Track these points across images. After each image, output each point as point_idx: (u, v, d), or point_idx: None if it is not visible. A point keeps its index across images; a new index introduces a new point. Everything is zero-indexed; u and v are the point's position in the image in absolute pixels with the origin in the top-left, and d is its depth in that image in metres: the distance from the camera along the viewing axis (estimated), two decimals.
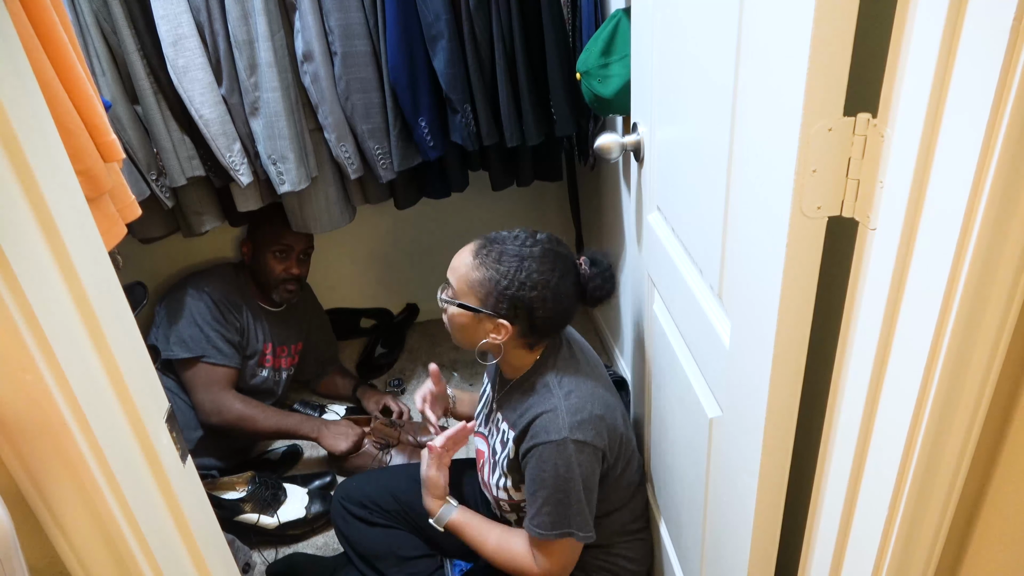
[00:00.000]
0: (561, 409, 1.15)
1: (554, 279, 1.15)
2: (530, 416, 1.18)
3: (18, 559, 0.54)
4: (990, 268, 0.51)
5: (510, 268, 1.14)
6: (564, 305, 1.18)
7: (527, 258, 1.15)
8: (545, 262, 1.15)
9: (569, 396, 1.17)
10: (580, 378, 1.22)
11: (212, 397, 1.75)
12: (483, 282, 1.16)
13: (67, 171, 0.63)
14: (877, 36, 0.58)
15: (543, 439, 1.14)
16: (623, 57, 1.39)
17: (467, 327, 1.21)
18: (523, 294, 1.14)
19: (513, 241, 1.18)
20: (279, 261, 1.90)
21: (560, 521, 1.16)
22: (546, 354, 1.24)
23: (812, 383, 0.77)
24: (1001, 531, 0.63)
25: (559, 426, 1.14)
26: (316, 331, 2.17)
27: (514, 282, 1.14)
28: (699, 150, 0.93)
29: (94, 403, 0.62)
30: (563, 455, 1.13)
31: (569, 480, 1.14)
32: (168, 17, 1.47)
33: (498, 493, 1.30)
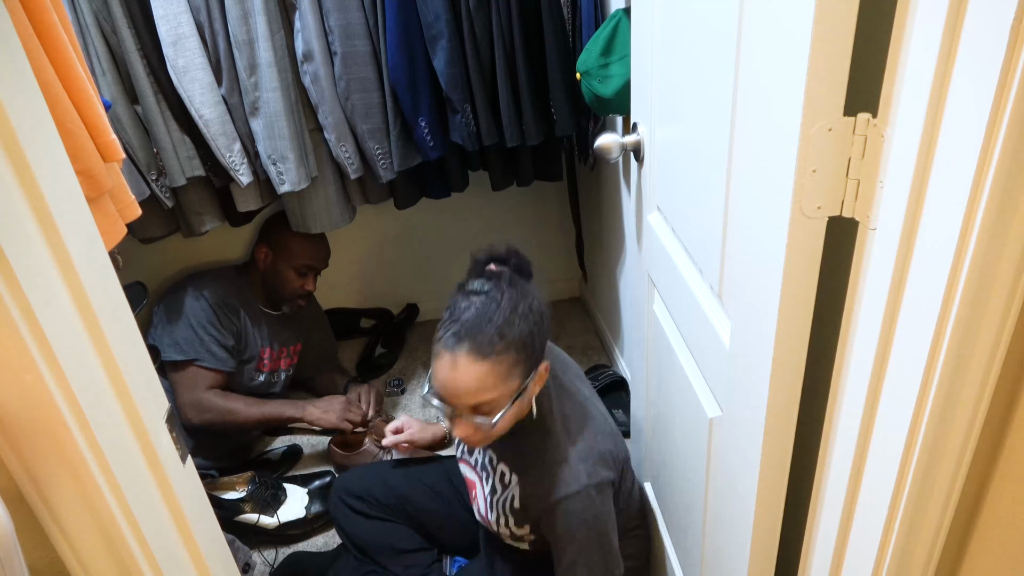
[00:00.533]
0: (572, 458, 1.13)
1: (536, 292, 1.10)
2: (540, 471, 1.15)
3: (18, 559, 0.54)
4: (990, 268, 0.51)
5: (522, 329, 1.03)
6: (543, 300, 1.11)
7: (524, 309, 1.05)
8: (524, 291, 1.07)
9: (576, 441, 1.15)
10: (578, 411, 1.19)
11: (193, 397, 1.75)
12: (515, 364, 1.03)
13: (67, 171, 0.63)
14: (877, 36, 0.58)
15: (563, 493, 1.11)
16: (623, 57, 1.39)
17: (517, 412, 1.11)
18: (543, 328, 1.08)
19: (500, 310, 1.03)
20: (298, 277, 1.92)
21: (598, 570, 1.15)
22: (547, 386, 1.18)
23: (812, 383, 0.77)
24: (1001, 531, 0.63)
25: (575, 475, 1.11)
26: (315, 331, 2.17)
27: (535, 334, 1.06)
28: (699, 150, 0.93)
29: (94, 403, 0.62)
30: (588, 504, 1.12)
31: (596, 527, 1.13)
32: (168, 17, 1.47)
33: (499, 530, 1.27)
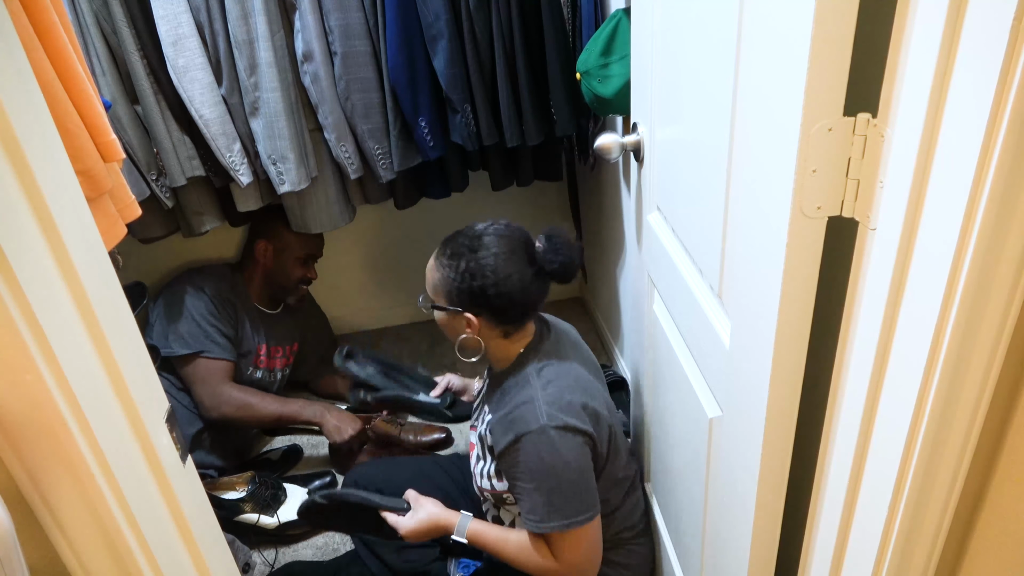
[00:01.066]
0: (538, 400, 1.16)
1: (502, 262, 1.16)
2: (508, 407, 1.19)
3: (18, 559, 0.54)
4: (990, 268, 0.51)
5: (459, 263, 1.17)
6: (520, 286, 1.17)
7: (477, 248, 1.17)
8: (488, 248, 1.17)
9: (547, 386, 1.18)
10: (562, 369, 1.22)
11: (211, 390, 1.75)
12: (442, 281, 1.20)
13: (67, 171, 0.63)
14: (877, 36, 0.58)
15: (522, 430, 1.14)
16: (623, 57, 1.39)
17: (446, 326, 1.25)
18: (475, 283, 1.16)
19: (464, 235, 1.21)
20: (301, 266, 1.94)
21: (555, 512, 1.15)
22: (530, 346, 1.25)
23: (812, 383, 0.77)
24: (1001, 531, 0.63)
25: (536, 415, 1.14)
26: (314, 331, 2.17)
27: (465, 275, 1.17)
28: (699, 150, 0.93)
29: (94, 403, 0.62)
30: (545, 442, 1.13)
31: (557, 467, 1.13)
32: (168, 17, 1.47)
33: (482, 482, 1.31)
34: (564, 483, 1.15)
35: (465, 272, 1.17)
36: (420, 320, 2.56)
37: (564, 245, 1.21)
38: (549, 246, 1.20)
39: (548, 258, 1.19)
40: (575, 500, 1.16)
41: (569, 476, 1.15)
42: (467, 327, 1.21)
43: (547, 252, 1.20)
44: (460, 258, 1.18)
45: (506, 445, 1.17)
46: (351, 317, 2.51)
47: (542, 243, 1.22)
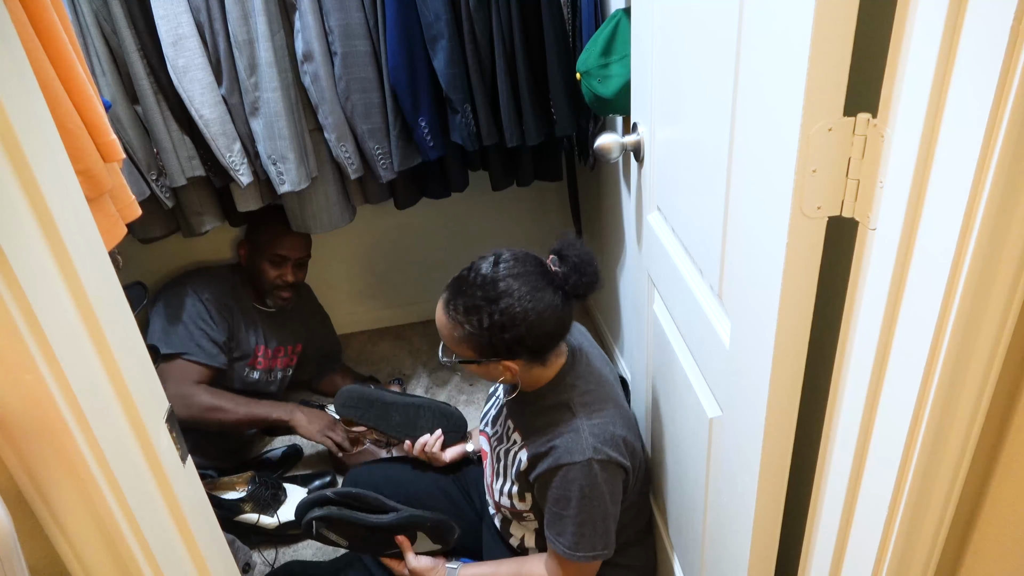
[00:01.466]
0: (584, 430, 1.13)
1: (528, 304, 1.09)
2: (550, 435, 1.16)
3: (18, 559, 0.54)
4: (990, 268, 0.51)
5: (481, 318, 1.09)
6: (551, 316, 1.11)
7: (496, 299, 1.09)
8: (509, 294, 1.09)
9: (592, 417, 1.16)
10: (602, 398, 1.20)
11: (180, 391, 1.71)
12: (466, 338, 1.12)
13: (67, 171, 0.63)
14: (877, 36, 0.58)
15: (566, 460, 1.12)
16: (623, 57, 1.39)
17: (481, 373, 1.20)
18: (506, 336, 1.09)
19: (472, 285, 1.11)
20: (273, 267, 1.89)
21: (584, 542, 1.15)
22: (564, 371, 1.21)
23: (812, 383, 0.77)
24: (1001, 531, 0.63)
25: (583, 447, 1.12)
26: (317, 331, 2.16)
27: (493, 329, 1.09)
28: (699, 150, 0.93)
29: (94, 403, 0.62)
30: (588, 475, 1.11)
31: (594, 500, 1.13)
32: (168, 17, 1.47)
33: (501, 499, 1.29)
34: (597, 517, 1.14)
35: (492, 327, 1.09)
36: (420, 320, 2.56)
37: (580, 258, 1.13)
38: (568, 266, 1.13)
39: (573, 280, 1.12)
40: (603, 535, 1.16)
41: (603, 511, 1.15)
42: (505, 371, 1.16)
43: (569, 274, 1.12)
44: (479, 312, 1.09)
45: (546, 470, 1.15)
46: (351, 317, 2.51)
47: (558, 264, 1.14)
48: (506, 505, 1.28)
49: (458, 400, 2.18)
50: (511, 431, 1.27)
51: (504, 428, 1.31)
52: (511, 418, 1.29)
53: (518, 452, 1.23)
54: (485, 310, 1.09)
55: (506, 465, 1.26)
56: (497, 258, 1.14)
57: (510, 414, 1.29)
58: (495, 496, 1.31)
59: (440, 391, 2.22)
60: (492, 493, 1.32)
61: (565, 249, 1.15)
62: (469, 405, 2.15)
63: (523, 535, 1.34)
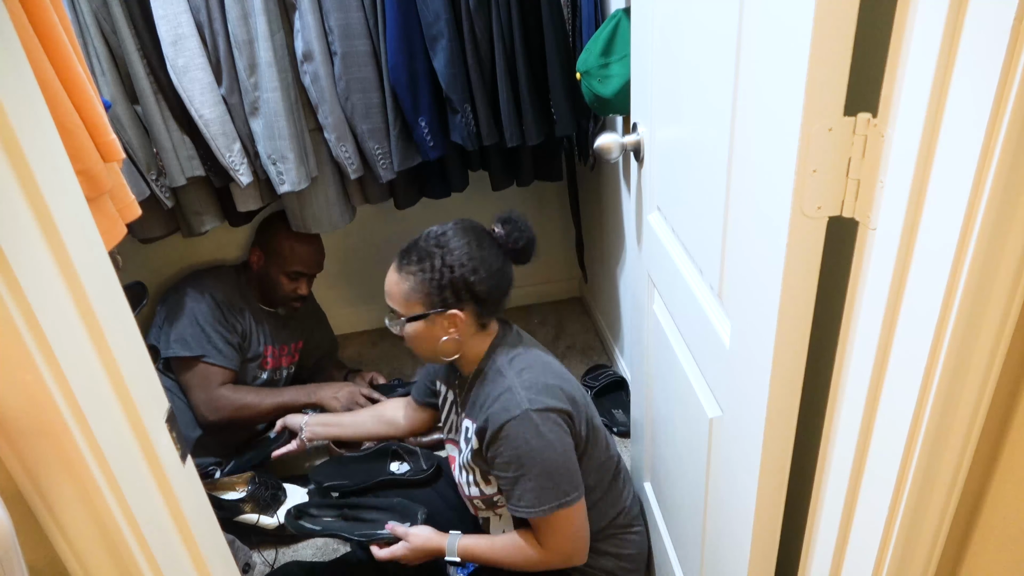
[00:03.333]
0: (516, 386, 1.17)
1: (474, 248, 1.19)
2: (487, 402, 1.19)
3: (18, 559, 0.54)
4: (990, 268, 0.51)
5: (432, 262, 1.18)
6: (496, 269, 1.20)
7: (441, 246, 1.19)
8: (457, 239, 1.19)
9: (521, 373, 1.20)
10: (531, 356, 1.24)
11: (208, 395, 1.75)
12: (416, 288, 1.19)
13: (67, 171, 0.63)
14: (877, 36, 0.58)
15: (504, 418, 1.15)
16: (623, 57, 1.39)
17: (425, 337, 1.23)
18: (456, 275, 1.17)
19: (424, 240, 1.22)
20: (289, 281, 1.92)
21: (546, 495, 1.16)
22: (495, 343, 1.26)
23: (812, 383, 0.77)
24: (1001, 531, 0.63)
25: (517, 401, 1.15)
26: (315, 329, 2.17)
27: (442, 271, 1.17)
28: (699, 150, 0.93)
29: (94, 403, 0.62)
30: (528, 426, 1.14)
31: (542, 449, 1.14)
32: (168, 17, 1.47)
33: (470, 491, 1.31)
34: (551, 464, 1.16)
35: (442, 267, 1.17)
36: None
37: (521, 224, 1.25)
38: (511, 228, 1.24)
39: (514, 237, 1.23)
40: (564, 481, 1.17)
41: (555, 457, 1.16)
42: (450, 327, 1.21)
43: (510, 234, 1.23)
44: (431, 258, 1.18)
45: (491, 436, 1.17)
46: (351, 317, 2.51)
47: (501, 228, 1.25)
48: (476, 495, 1.30)
49: None
50: (463, 420, 1.30)
51: (458, 420, 1.34)
52: (462, 410, 1.32)
53: (470, 437, 1.26)
54: (437, 254, 1.18)
55: (464, 455, 1.29)
56: (444, 223, 1.26)
57: (460, 407, 1.33)
58: (465, 491, 1.32)
59: None
60: (462, 489, 1.34)
61: (510, 216, 1.27)
62: None
63: (503, 528, 1.34)
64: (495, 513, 1.34)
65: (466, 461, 1.28)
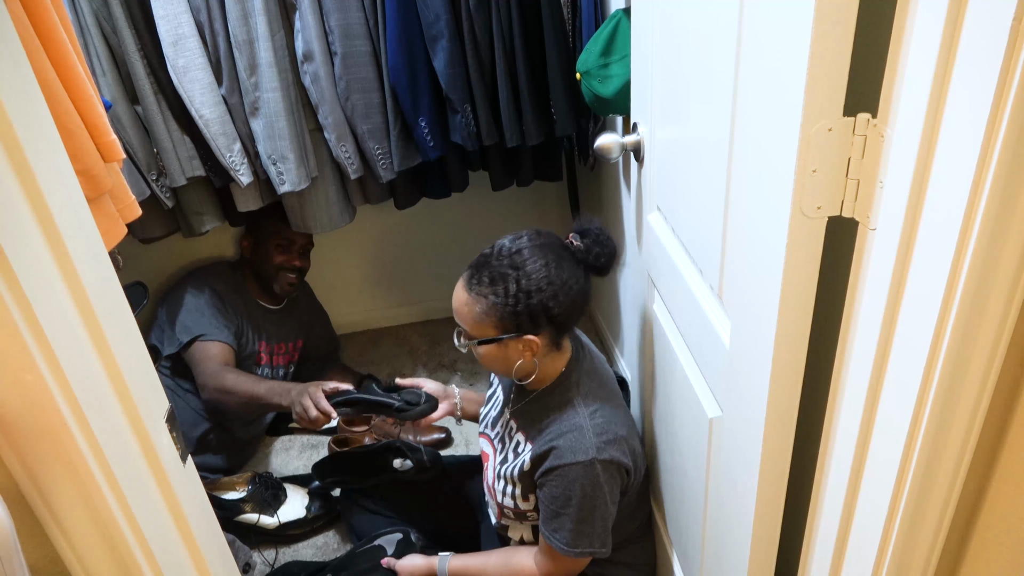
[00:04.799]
0: (587, 428, 1.13)
1: (553, 271, 1.10)
2: (554, 433, 1.16)
3: (18, 559, 0.54)
4: (990, 268, 0.51)
5: (507, 285, 1.09)
6: (575, 289, 1.12)
7: (516, 267, 1.10)
8: (534, 260, 1.10)
9: (594, 415, 1.15)
10: (604, 397, 1.20)
11: (208, 369, 1.69)
12: (489, 312, 1.11)
13: (67, 171, 0.63)
14: (877, 36, 0.58)
15: (569, 460, 1.12)
16: (623, 57, 1.39)
17: (497, 358, 1.17)
18: (532, 302, 1.09)
19: (496, 258, 1.12)
20: (281, 252, 1.91)
21: (582, 540, 1.15)
22: (569, 367, 1.21)
23: (812, 383, 0.77)
24: (1001, 531, 0.63)
25: (586, 447, 1.12)
26: (316, 329, 2.17)
27: (518, 296, 1.09)
28: (699, 150, 0.93)
29: (94, 403, 0.62)
30: (590, 475, 1.11)
31: (595, 499, 1.13)
32: (168, 17, 1.47)
33: (503, 500, 1.28)
34: (596, 517, 1.14)
35: (518, 292, 1.09)
36: (420, 320, 2.56)
37: (601, 234, 1.15)
38: (591, 242, 1.15)
39: (596, 251, 1.14)
40: (601, 534, 1.16)
41: (603, 509, 1.15)
42: (525, 351, 1.14)
43: (590, 248, 1.14)
44: (506, 280, 1.09)
45: (548, 468, 1.14)
46: (351, 317, 2.51)
47: (579, 240, 1.16)
48: (509, 506, 1.28)
49: None
50: (514, 431, 1.27)
51: (506, 429, 1.30)
52: (514, 418, 1.28)
53: (520, 456, 1.23)
54: (512, 276, 1.09)
55: (509, 466, 1.26)
56: (518, 235, 1.15)
57: (513, 415, 1.29)
58: (497, 498, 1.30)
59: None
60: (495, 495, 1.31)
61: (584, 224, 1.17)
62: None
63: (521, 534, 1.34)
64: (520, 523, 1.33)
65: (509, 473, 1.25)
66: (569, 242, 1.17)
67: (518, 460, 1.23)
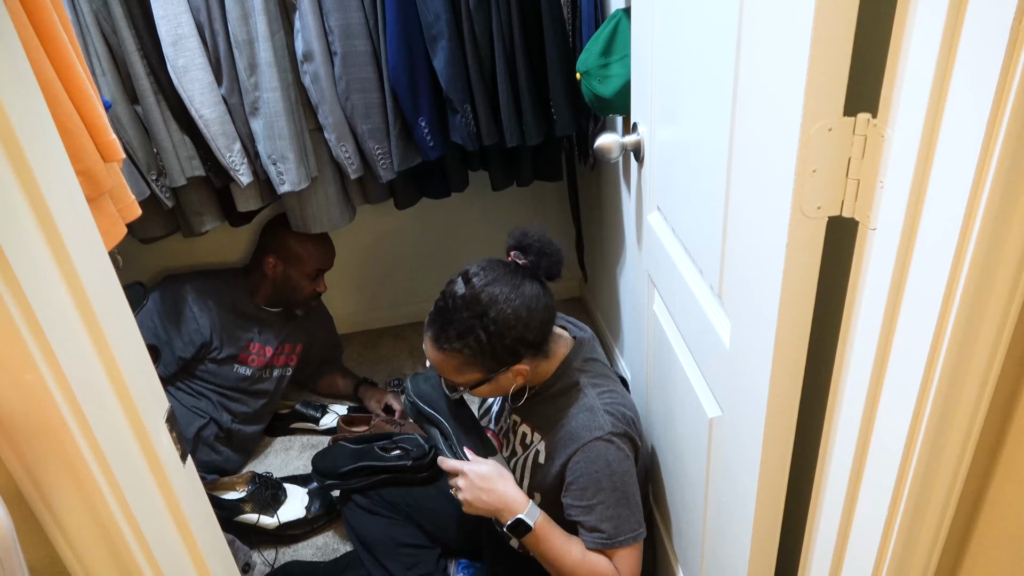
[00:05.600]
0: (598, 408, 1.14)
1: (515, 303, 1.09)
2: (565, 420, 1.15)
3: (18, 559, 0.54)
4: (990, 268, 0.51)
5: (477, 335, 1.09)
6: (539, 306, 1.12)
7: (479, 316, 1.09)
8: (493, 301, 1.09)
9: (603, 395, 1.16)
10: (611, 378, 1.21)
11: None
12: (469, 362, 1.12)
13: (67, 171, 0.63)
14: (877, 36, 0.58)
15: (587, 438, 1.11)
16: (623, 57, 1.39)
17: (493, 390, 1.19)
18: (506, 342, 1.10)
19: (455, 310, 1.10)
20: (311, 283, 1.95)
21: (624, 524, 1.13)
22: (571, 356, 1.21)
23: (812, 383, 0.77)
24: (1001, 531, 0.63)
25: (600, 423, 1.12)
26: (320, 333, 2.17)
27: (491, 342, 1.09)
28: (699, 150, 0.93)
29: (94, 403, 0.62)
30: (611, 450, 1.11)
31: (625, 474, 1.12)
32: (168, 17, 1.47)
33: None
34: (629, 492, 1.13)
35: (490, 339, 1.09)
36: (420, 320, 2.55)
37: (538, 243, 1.15)
38: (535, 253, 1.14)
39: (544, 263, 1.14)
40: (637, 512, 1.15)
41: (632, 486, 1.13)
42: (516, 377, 1.16)
43: (535, 259, 1.14)
44: (473, 331, 1.09)
45: (570, 454, 1.13)
46: (351, 317, 2.51)
47: (521, 256, 1.15)
48: None
49: None
50: (517, 425, 1.27)
51: (508, 423, 1.30)
52: (516, 413, 1.28)
53: (531, 447, 1.22)
54: (478, 326, 1.09)
55: (519, 459, 1.26)
56: (465, 275, 1.13)
57: (515, 410, 1.29)
58: None
59: None
60: None
61: (523, 239, 1.16)
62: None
63: None
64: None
65: (519, 466, 1.25)
66: (513, 261, 1.15)
67: (528, 452, 1.23)
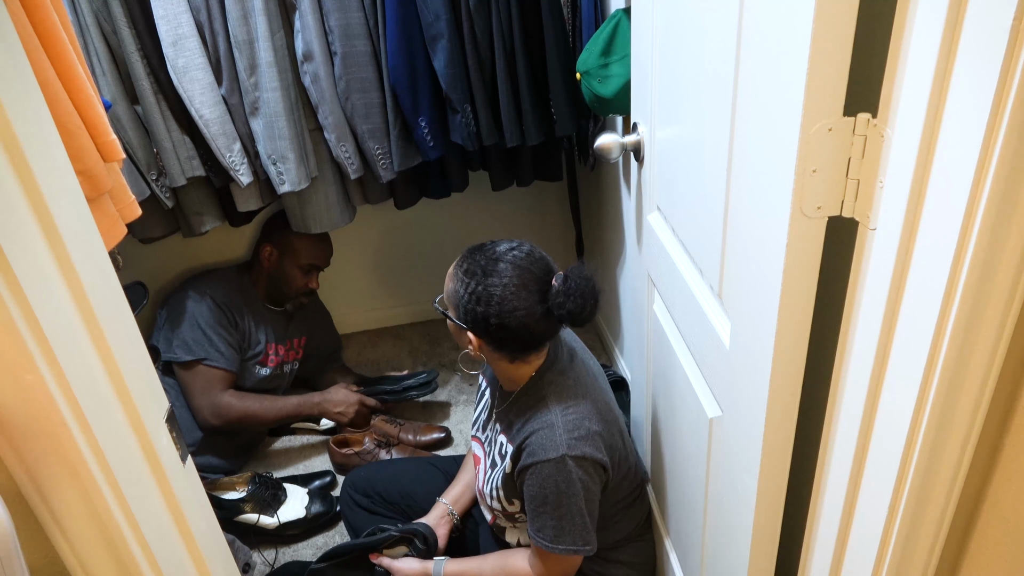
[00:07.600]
0: (558, 425, 1.13)
1: (510, 294, 1.09)
2: (526, 433, 1.16)
3: (18, 559, 0.54)
4: (990, 268, 0.51)
5: (471, 282, 1.11)
6: (523, 323, 1.10)
7: (490, 273, 1.10)
8: (501, 275, 1.10)
9: (566, 412, 1.15)
10: (579, 394, 1.19)
11: (211, 400, 1.77)
12: (453, 293, 1.16)
13: (67, 171, 0.63)
14: (877, 36, 0.58)
15: (540, 457, 1.12)
16: (623, 57, 1.39)
17: (454, 334, 1.22)
18: (478, 308, 1.11)
19: (485, 253, 1.14)
20: (303, 276, 1.95)
21: (564, 537, 1.15)
22: (543, 369, 1.21)
23: (812, 383, 0.77)
24: (1001, 531, 0.63)
25: (556, 443, 1.12)
26: (319, 329, 2.18)
27: (472, 296, 1.11)
28: (699, 150, 0.93)
29: (94, 403, 0.62)
30: (562, 472, 1.11)
31: (571, 496, 1.13)
32: (168, 17, 1.47)
33: (492, 503, 1.29)
34: (575, 511, 1.14)
35: (473, 294, 1.11)
36: (420, 320, 2.56)
37: (580, 289, 1.10)
38: (563, 288, 1.10)
39: (558, 301, 1.10)
40: (582, 531, 1.16)
41: (579, 506, 1.14)
42: (469, 344, 1.18)
43: (558, 295, 1.10)
44: (471, 277, 1.12)
45: (522, 468, 1.16)
46: (351, 317, 2.51)
47: (558, 282, 1.12)
48: (497, 508, 1.29)
49: (458, 400, 2.18)
50: (498, 433, 1.28)
51: (493, 431, 1.31)
52: (498, 420, 1.29)
53: (504, 460, 1.23)
54: (476, 278, 1.12)
55: (498, 470, 1.26)
56: (516, 245, 1.16)
57: (497, 417, 1.30)
58: (487, 501, 1.30)
59: (441, 390, 2.22)
60: (484, 498, 1.32)
61: (572, 274, 1.12)
62: (468, 405, 2.15)
63: (518, 537, 1.34)
64: (513, 526, 1.34)
65: (496, 477, 1.26)
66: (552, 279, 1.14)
67: (503, 463, 1.24)
